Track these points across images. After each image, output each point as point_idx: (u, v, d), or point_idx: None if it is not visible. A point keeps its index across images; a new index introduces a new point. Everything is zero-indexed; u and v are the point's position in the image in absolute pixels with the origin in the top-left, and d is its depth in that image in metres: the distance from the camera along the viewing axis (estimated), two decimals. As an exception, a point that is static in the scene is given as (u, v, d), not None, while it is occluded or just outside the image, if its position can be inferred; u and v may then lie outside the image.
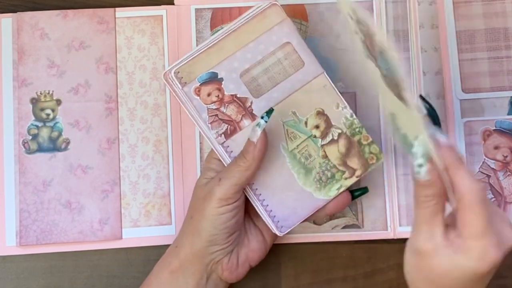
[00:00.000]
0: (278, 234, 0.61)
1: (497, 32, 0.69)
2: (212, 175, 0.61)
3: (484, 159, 0.67)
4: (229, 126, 0.62)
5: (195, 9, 0.69)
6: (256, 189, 0.61)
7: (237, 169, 0.58)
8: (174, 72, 0.61)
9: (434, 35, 0.69)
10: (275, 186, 0.61)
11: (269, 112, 0.59)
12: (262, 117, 0.58)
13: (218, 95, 0.62)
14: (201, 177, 0.61)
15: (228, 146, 0.61)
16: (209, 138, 0.61)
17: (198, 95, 0.62)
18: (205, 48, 0.61)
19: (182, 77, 0.61)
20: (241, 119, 0.61)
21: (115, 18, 0.70)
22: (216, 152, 0.61)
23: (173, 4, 0.70)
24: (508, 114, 0.68)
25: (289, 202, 0.61)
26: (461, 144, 0.67)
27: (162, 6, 0.70)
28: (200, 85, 0.62)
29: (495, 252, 0.48)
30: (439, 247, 0.49)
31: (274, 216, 0.61)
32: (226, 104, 0.62)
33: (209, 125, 0.61)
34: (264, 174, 0.61)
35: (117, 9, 0.70)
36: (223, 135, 0.61)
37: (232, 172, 0.59)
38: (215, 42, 0.61)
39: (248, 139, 0.59)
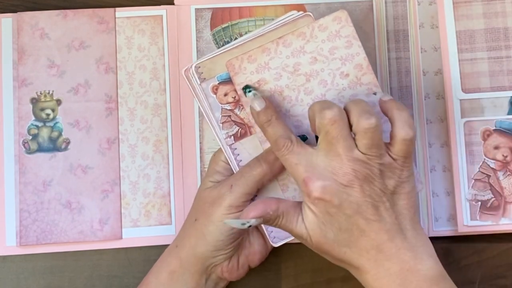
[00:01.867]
0: (272, 245, 0.61)
1: (497, 32, 0.69)
2: (219, 178, 0.61)
3: (484, 159, 0.67)
4: (240, 129, 0.61)
5: (195, 9, 0.69)
6: (256, 196, 0.61)
7: (251, 179, 0.58)
8: (195, 67, 0.61)
9: (434, 35, 0.69)
10: (272, 196, 0.60)
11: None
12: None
13: (235, 97, 0.61)
14: (207, 179, 0.61)
15: (235, 149, 0.61)
16: (219, 138, 0.61)
17: (215, 93, 0.61)
18: (230, 48, 0.60)
19: (202, 73, 0.61)
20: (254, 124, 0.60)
21: (115, 18, 0.70)
22: (225, 153, 0.61)
23: (173, 4, 0.70)
24: (508, 114, 0.68)
25: None
26: (461, 144, 0.67)
27: (162, 6, 0.70)
28: (218, 83, 0.61)
29: None
30: None
31: (268, 226, 0.61)
32: (241, 107, 0.61)
33: (221, 125, 0.61)
34: None
35: (117, 9, 0.70)
36: (232, 137, 0.61)
37: (245, 181, 0.58)
38: (240, 43, 0.60)
39: (268, 151, 0.58)
